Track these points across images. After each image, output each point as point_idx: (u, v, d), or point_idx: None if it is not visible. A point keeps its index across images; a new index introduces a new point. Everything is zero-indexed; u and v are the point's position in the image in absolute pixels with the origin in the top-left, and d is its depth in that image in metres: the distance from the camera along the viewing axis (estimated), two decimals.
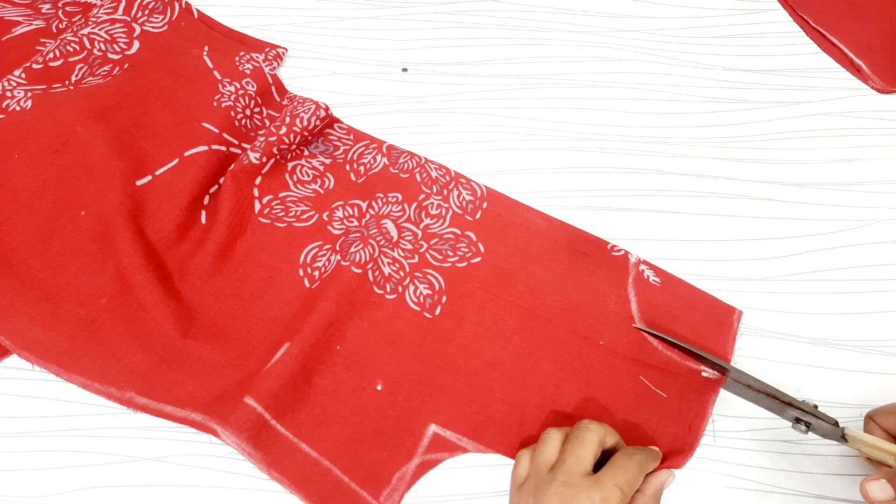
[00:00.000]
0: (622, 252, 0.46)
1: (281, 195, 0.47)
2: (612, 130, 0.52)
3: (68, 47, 0.50)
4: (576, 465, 0.34)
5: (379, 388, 0.41)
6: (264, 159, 0.47)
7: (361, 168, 0.49)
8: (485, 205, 0.48)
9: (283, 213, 0.47)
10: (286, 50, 0.54)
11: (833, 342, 0.43)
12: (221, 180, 0.46)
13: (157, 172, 0.45)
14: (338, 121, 0.51)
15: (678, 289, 0.45)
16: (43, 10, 0.53)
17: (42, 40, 0.51)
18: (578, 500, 0.33)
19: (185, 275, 0.44)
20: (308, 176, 0.49)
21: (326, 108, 0.50)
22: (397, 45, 0.55)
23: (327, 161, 0.49)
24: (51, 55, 0.49)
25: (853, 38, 0.56)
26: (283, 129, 0.48)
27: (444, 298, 0.44)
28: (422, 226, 0.47)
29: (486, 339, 0.43)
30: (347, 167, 0.49)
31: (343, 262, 0.44)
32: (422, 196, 0.48)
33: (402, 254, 0.45)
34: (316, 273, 0.45)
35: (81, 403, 0.40)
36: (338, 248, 0.45)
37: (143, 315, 0.41)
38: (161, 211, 0.44)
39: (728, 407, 0.41)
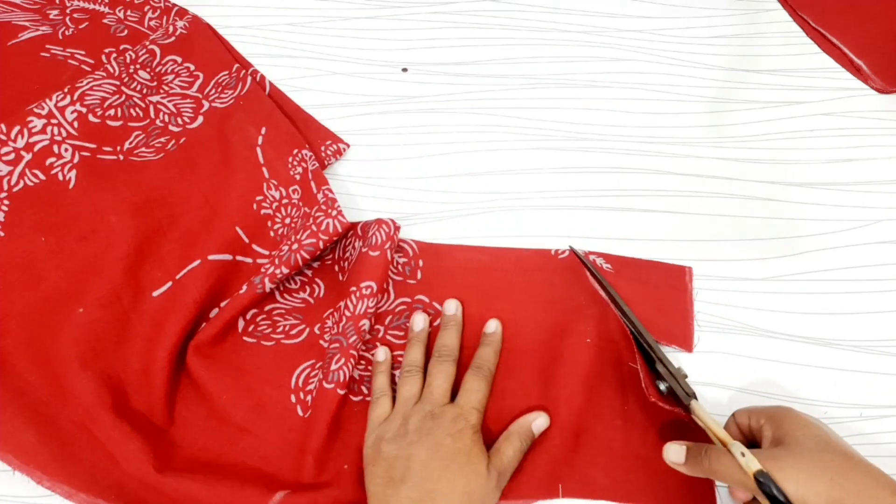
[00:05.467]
0: (567, 252, 0.45)
1: (267, 308, 0.43)
2: (612, 130, 0.52)
3: (132, 111, 0.48)
4: (439, 394, 0.38)
5: None
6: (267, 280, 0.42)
7: (346, 263, 0.43)
8: (421, 262, 0.45)
9: (269, 330, 0.42)
10: (348, 146, 0.50)
11: (833, 342, 0.43)
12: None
13: (178, 276, 0.42)
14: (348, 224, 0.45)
15: (629, 268, 0.44)
16: (51, 17, 0.52)
17: (49, 46, 0.50)
18: (444, 422, 0.36)
19: (174, 398, 0.39)
20: (296, 283, 0.44)
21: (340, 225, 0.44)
22: (397, 45, 0.55)
23: (315, 265, 0.45)
24: (111, 112, 0.47)
25: (853, 38, 0.56)
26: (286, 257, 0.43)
27: None
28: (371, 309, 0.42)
29: None
30: (336, 267, 0.44)
31: (326, 385, 0.39)
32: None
33: (364, 348, 0.42)
34: (308, 398, 0.40)
35: None
36: (324, 366, 0.40)
37: (115, 446, 0.37)
38: (167, 322, 0.40)
39: (727, 406, 0.41)
